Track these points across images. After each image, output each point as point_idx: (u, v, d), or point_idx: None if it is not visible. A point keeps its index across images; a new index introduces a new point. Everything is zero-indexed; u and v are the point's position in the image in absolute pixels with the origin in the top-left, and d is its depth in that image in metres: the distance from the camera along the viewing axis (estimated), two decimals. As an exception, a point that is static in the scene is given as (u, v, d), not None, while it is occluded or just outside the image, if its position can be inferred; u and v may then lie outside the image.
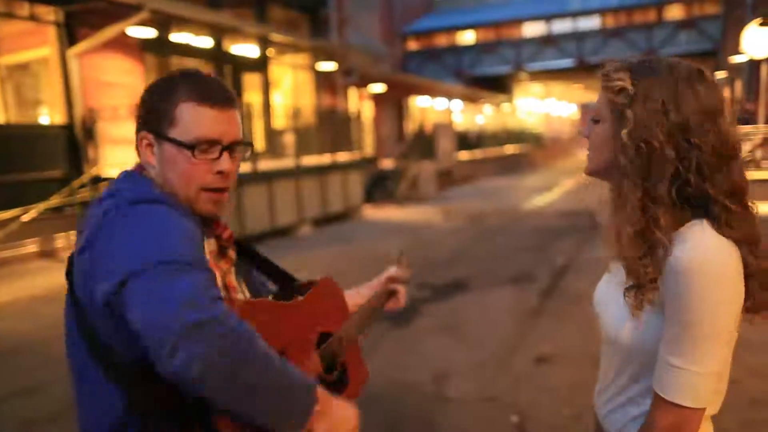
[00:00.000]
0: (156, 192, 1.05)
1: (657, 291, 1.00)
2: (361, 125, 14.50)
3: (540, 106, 36.61)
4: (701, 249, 0.96)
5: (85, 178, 7.97)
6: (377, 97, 17.84)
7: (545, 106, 37.68)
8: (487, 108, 27.72)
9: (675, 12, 23.85)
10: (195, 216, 1.09)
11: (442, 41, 27.49)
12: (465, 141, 20.96)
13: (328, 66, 13.69)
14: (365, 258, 7.42)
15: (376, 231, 10.21)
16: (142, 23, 8.22)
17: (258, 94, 12.33)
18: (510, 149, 25.85)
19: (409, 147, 17.09)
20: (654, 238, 1.00)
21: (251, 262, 1.34)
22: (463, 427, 3.21)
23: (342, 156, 11.93)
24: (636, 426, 1.09)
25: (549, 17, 25.69)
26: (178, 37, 10.19)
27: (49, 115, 8.85)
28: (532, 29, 26.25)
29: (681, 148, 0.99)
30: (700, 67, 1.03)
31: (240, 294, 1.22)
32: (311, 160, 10.95)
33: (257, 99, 12.21)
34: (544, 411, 3.33)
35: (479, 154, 21.92)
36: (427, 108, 22.04)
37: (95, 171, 8.11)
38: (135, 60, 9.47)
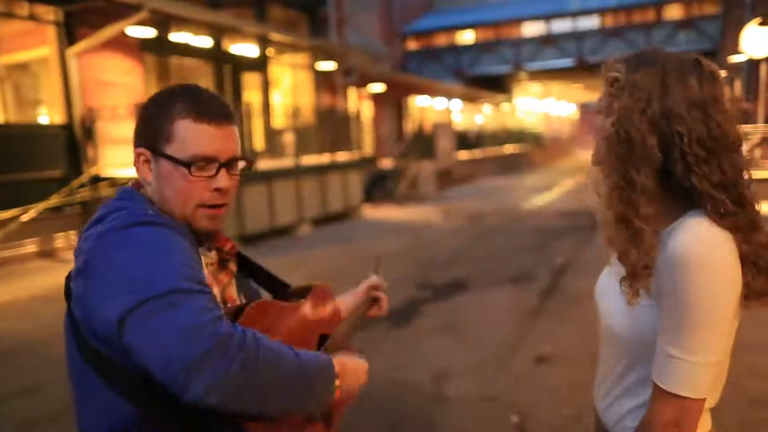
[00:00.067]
0: (151, 212, 1.03)
1: (650, 279, 1.01)
2: (361, 125, 14.49)
3: (539, 105, 36.59)
4: (695, 239, 0.96)
5: (85, 177, 7.97)
6: (377, 97, 17.83)
7: (544, 105, 37.67)
8: (487, 108, 27.70)
9: (674, 12, 23.82)
10: (193, 233, 1.08)
11: (441, 41, 27.48)
12: (464, 141, 20.94)
13: (327, 66, 13.69)
14: (365, 258, 7.41)
15: (375, 231, 10.21)
16: (141, 23, 8.21)
17: (257, 93, 12.34)
18: (509, 149, 25.87)
19: (409, 147, 17.08)
20: (634, 226, 1.02)
21: (250, 273, 1.33)
22: (463, 427, 3.21)
23: (341, 156, 11.92)
24: (633, 418, 1.09)
25: (548, 17, 25.68)
26: (177, 37, 10.19)
27: (49, 115, 8.85)
28: (531, 29, 26.24)
29: (665, 138, 1.00)
30: (698, 58, 1.03)
31: None
32: (311, 159, 10.94)
33: (257, 98, 12.21)
34: (544, 411, 3.33)
35: (479, 153, 21.92)
36: (427, 108, 22.03)
37: (94, 171, 8.12)
38: (134, 60, 9.47)
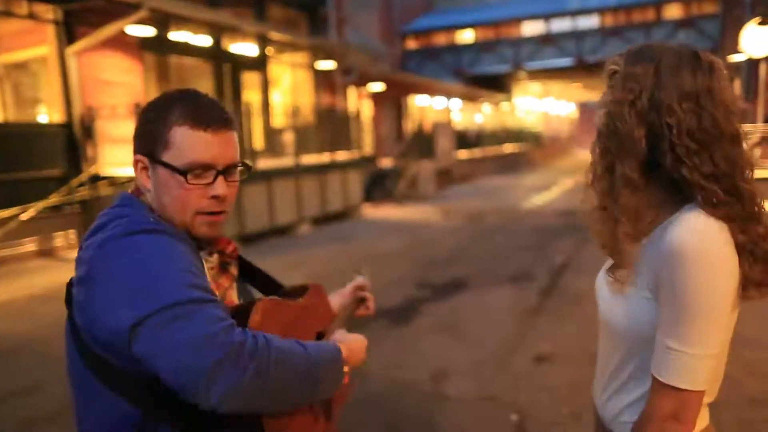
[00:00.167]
0: (152, 220, 1.02)
1: (631, 269, 1.03)
2: (360, 124, 14.47)
3: (539, 105, 36.56)
4: (692, 233, 0.96)
5: (84, 176, 7.97)
6: (376, 96, 17.82)
7: (544, 105, 37.64)
8: (486, 107, 27.69)
9: (674, 11, 23.81)
10: (193, 240, 1.08)
11: (441, 40, 27.45)
12: (464, 140, 20.94)
13: (327, 65, 13.68)
14: (364, 257, 7.41)
15: (375, 230, 10.21)
16: (141, 22, 8.20)
17: (257, 92, 12.33)
18: (509, 148, 25.86)
19: (408, 146, 17.07)
20: (612, 215, 1.04)
21: (249, 276, 1.33)
22: (463, 426, 3.21)
23: (341, 155, 11.92)
24: (630, 412, 1.09)
25: (548, 16, 25.66)
26: (177, 36, 10.18)
27: (48, 114, 8.84)
28: (531, 28, 26.23)
29: (654, 130, 1.00)
30: (696, 52, 1.02)
31: None
32: (310, 159, 10.94)
33: (256, 98, 12.19)
34: (543, 410, 3.33)
35: (478, 153, 21.92)
36: (426, 107, 22.01)
37: (94, 169, 8.11)
38: (134, 58, 9.46)
